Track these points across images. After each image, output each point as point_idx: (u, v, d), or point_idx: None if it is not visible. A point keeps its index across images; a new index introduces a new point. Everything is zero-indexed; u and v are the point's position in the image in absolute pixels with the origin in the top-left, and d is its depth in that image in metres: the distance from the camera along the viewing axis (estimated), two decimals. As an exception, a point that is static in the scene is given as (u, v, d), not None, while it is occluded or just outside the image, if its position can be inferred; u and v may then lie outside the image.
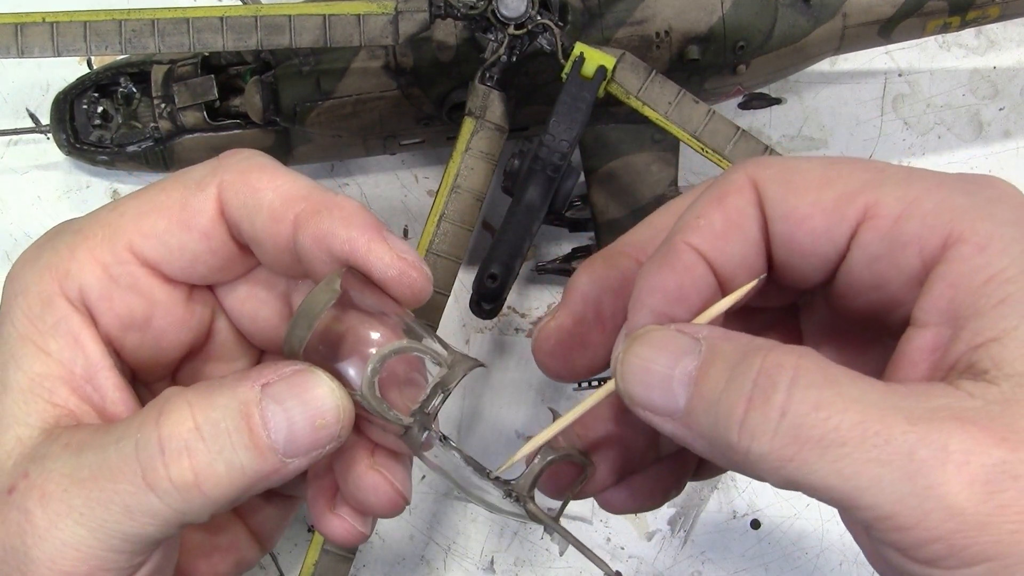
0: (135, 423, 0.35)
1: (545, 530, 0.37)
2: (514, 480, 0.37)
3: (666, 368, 0.33)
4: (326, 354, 0.36)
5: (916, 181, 0.33)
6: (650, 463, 0.40)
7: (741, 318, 0.39)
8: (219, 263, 0.39)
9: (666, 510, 0.69)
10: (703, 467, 0.42)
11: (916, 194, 0.33)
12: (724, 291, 0.36)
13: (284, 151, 0.66)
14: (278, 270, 0.40)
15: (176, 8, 0.54)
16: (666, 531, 0.69)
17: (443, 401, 0.36)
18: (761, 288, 0.36)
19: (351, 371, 0.36)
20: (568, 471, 0.38)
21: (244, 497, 0.35)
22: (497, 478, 0.37)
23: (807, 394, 0.30)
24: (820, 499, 0.31)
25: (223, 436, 0.34)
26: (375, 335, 0.36)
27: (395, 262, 0.36)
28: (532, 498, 0.37)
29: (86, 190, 0.72)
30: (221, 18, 0.54)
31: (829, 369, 0.31)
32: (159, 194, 0.38)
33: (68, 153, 0.68)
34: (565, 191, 0.54)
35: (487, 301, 0.54)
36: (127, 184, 0.72)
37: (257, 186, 0.37)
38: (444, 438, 0.37)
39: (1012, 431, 0.29)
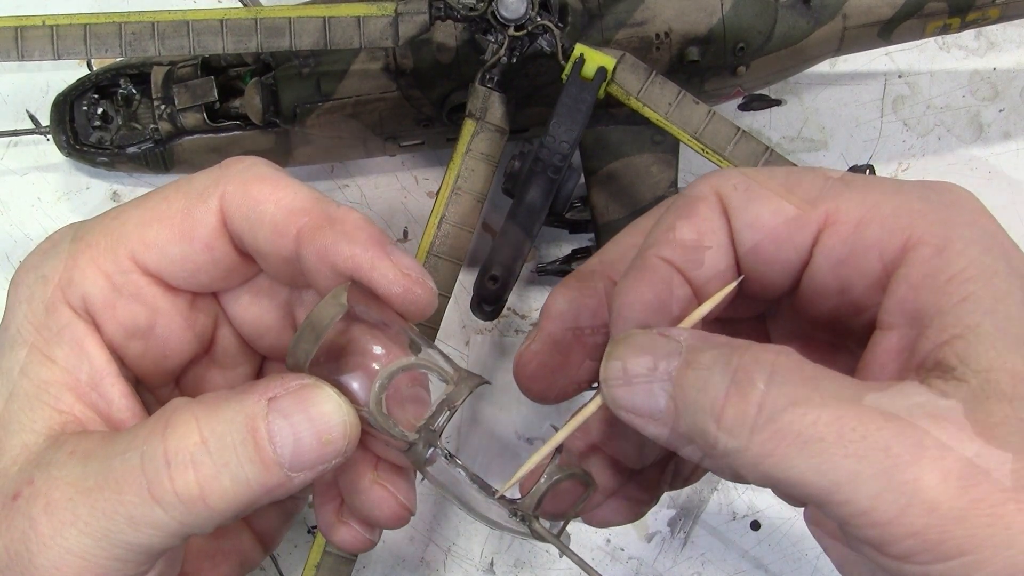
0: (141, 434, 0.34)
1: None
2: (519, 500, 0.37)
3: (647, 370, 0.33)
4: (331, 368, 0.36)
5: (875, 188, 0.34)
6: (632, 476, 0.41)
7: (710, 330, 0.39)
8: (221, 273, 0.39)
9: (666, 511, 0.69)
10: (677, 476, 0.42)
11: (875, 199, 0.34)
12: (699, 300, 0.36)
13: (284, 153, 0.66)
14: (281, 280, 0.40)
15: (176, 11, 0.54)
16: (666, 532, 0.69)
17: (449, 419, 0.36)
18: (731, 299, 0.36)
19: (356, 386, 0.36)
20: (569, 491, 0.38)
21: (249, 510, 0.35)
22: (503, 497, 0.37)
23: (784, 390, 0.30)
24: (797, 496, 0.31)
25: (229, 450, 0.34)
26: (381, 350, 0.36)
27: (399, 279, 0.36)
28: (537, 517, 0.37)
29: (86, 191, 0.72)
30: (221, 20, 0.54)
31: (806, 367, 0.31)
32: (161, 203, 0.38)
33: (68, 154, 0.68)
34: (566, 192, 0.54)
35: (488, 303, 0.54)
36: (127, 185, 0.72)
37: (259, 198, 0.37)
38: (450, 456, 0.37)
39: (984, 426, 0.29)
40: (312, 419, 0.34)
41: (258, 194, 0.37)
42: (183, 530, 0.34)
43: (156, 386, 0.41)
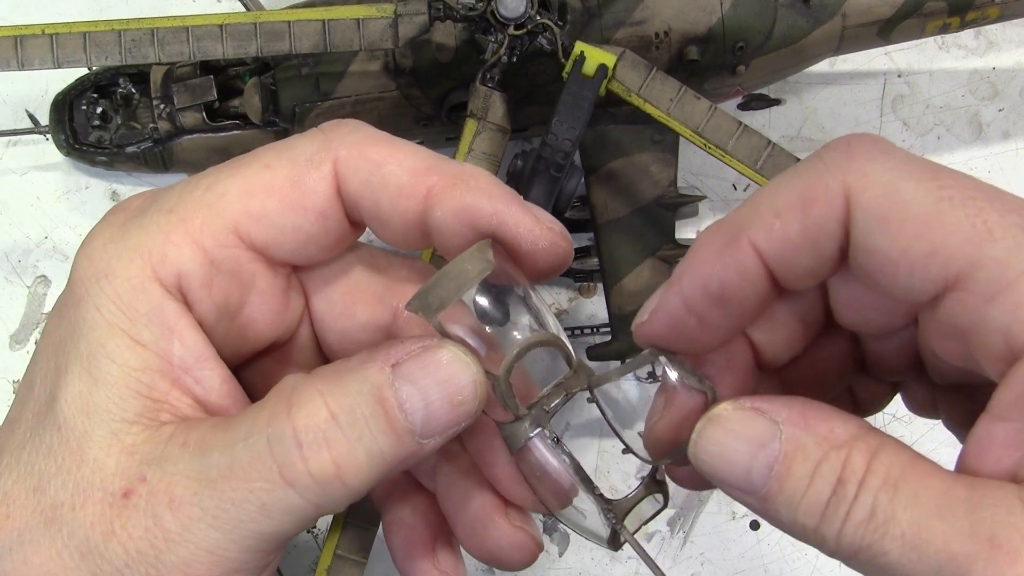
0: (262, 417, 0.33)
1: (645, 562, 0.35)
2: (614, 501, 0.35)
3: (746, 458, 0.31)
4: (459, 324, 0.34)
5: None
6: None
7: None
8: (332, 242, 0.37)
9: (666, 510, 0.69)
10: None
11: (1014, 276, 0.28)
12: (780, 294, 0.33)
13: (283, 152, 0.66)
14: (398, 245, 0.37)
15: (175, 17, 0.54)
16: (665, 532, 0.69)
17: (563, 403, 0.35)
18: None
19: (473, 346, 0.34)
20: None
21: (377, 484, 0.34)
22: (601, 495, 0.35)
23: (894, 502, 0.28)
24: None
25: (360, 423, 0.33)
26: (510, 316, 0.35)
27: (545, 233, 0.35)
28: (624, 520, 0.35)
29: (85, 191, 0.72)
30: (221, 26, 0.53)
31: (912, 475, 0.29)
32: (263, 172, 0.36)
33: (67, 154, 0.68)
34: (569, 191, 0.54)
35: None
36: (126, 185, 0.72)
37: (379, 160, 0.35)
38: (557, 440, 0.35)
39: None
40: (441, 382, 0.33)
41: (377, 156, 0.35)
42: (317, 512, 0.33)
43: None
